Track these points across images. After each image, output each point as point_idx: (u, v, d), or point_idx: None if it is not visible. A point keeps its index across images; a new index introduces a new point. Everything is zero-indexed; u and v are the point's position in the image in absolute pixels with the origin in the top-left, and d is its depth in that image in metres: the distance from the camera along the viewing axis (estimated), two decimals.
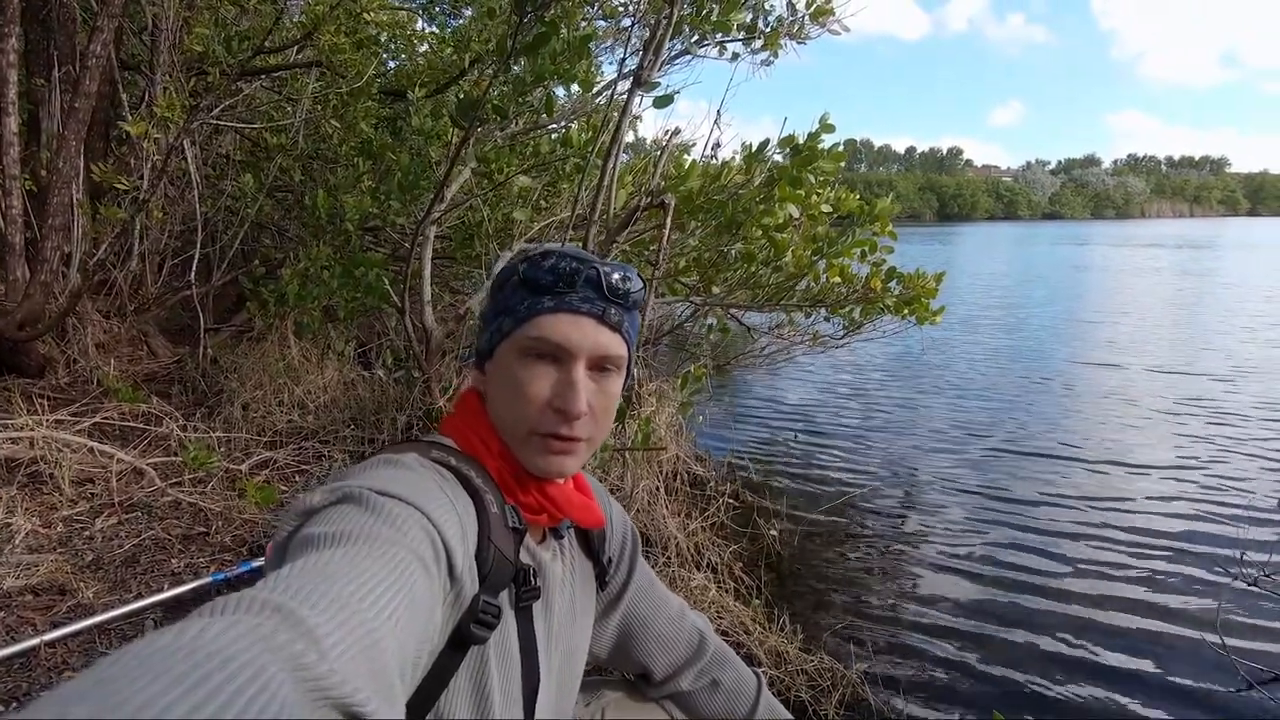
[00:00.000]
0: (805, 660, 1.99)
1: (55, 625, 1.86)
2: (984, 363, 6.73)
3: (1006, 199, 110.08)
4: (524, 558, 0.72)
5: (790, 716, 0.99)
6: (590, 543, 0.87)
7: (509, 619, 0.69)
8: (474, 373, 0.79)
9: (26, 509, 2.41)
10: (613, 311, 0.71)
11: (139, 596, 2.04)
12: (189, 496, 2.62)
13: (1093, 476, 3.72)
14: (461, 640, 0.62)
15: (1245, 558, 2.47)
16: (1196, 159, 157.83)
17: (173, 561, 2.27)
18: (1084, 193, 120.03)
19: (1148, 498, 3.43)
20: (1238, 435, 4.40)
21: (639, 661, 0.95)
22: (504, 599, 0.68)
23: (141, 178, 3.37)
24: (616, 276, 0.71)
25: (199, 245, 3.94)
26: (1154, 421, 4.73)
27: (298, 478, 2.96)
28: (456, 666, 0.63)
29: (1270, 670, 2.09)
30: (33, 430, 2.71)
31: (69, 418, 3.03)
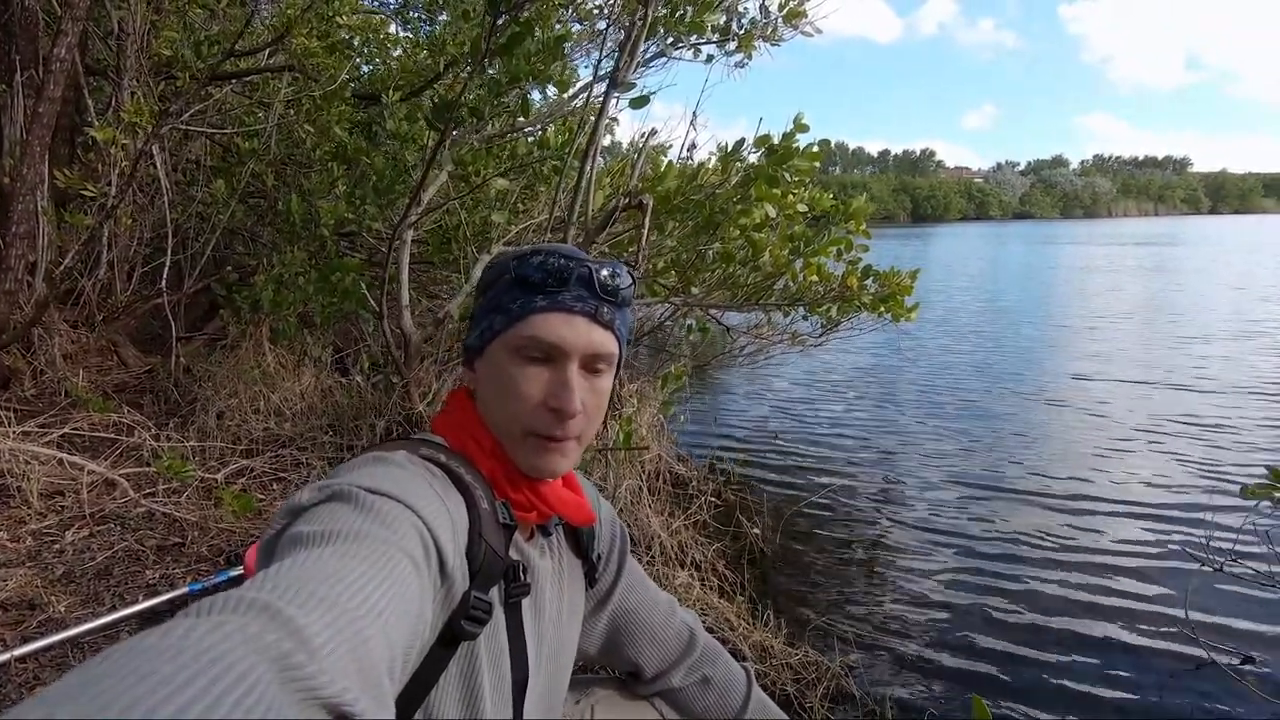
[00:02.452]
0: (790, 654, 2.00)
1: (26, 640, 1.81)
2: (960, 363, 6.84)
3: (978, 200, 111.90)
4: (513, 554, 0.71)
5: (780, 712, 0.99)
6: (579, 540, 0.87)
7: (498, 615, 0.69)
8: (464, 370, 0.78)
9: None
10: (605, 310, 0.71)
11: (113, 609, 1.99)
12: (163, 507, 2.57)
13: (1065, 470, 3.79)
14: (452, 637, 0.62)
15: (1212, 544, 2.53)
16: (1160, 159, 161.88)
17: (147, 573, 2.22)
18: (1053, 193, 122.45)
19: (1118, 489, 3.51)
20: (1203, 426, 4.51)
21: (629, 659, 0.95)
22: (494, 595, 0.68)
23: (109, 184, 3.31)
24: (607, 273, 0.71)
25: (169, 252, 3.87)
26: (1120, 413, 4.83)
27: (275, 486, 2.92)
28: (447, 663, 0.63)
29: (1236, 651, 2.15)
30: None
31: (36, 429, 2.95)
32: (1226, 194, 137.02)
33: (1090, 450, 4.07)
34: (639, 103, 2.67)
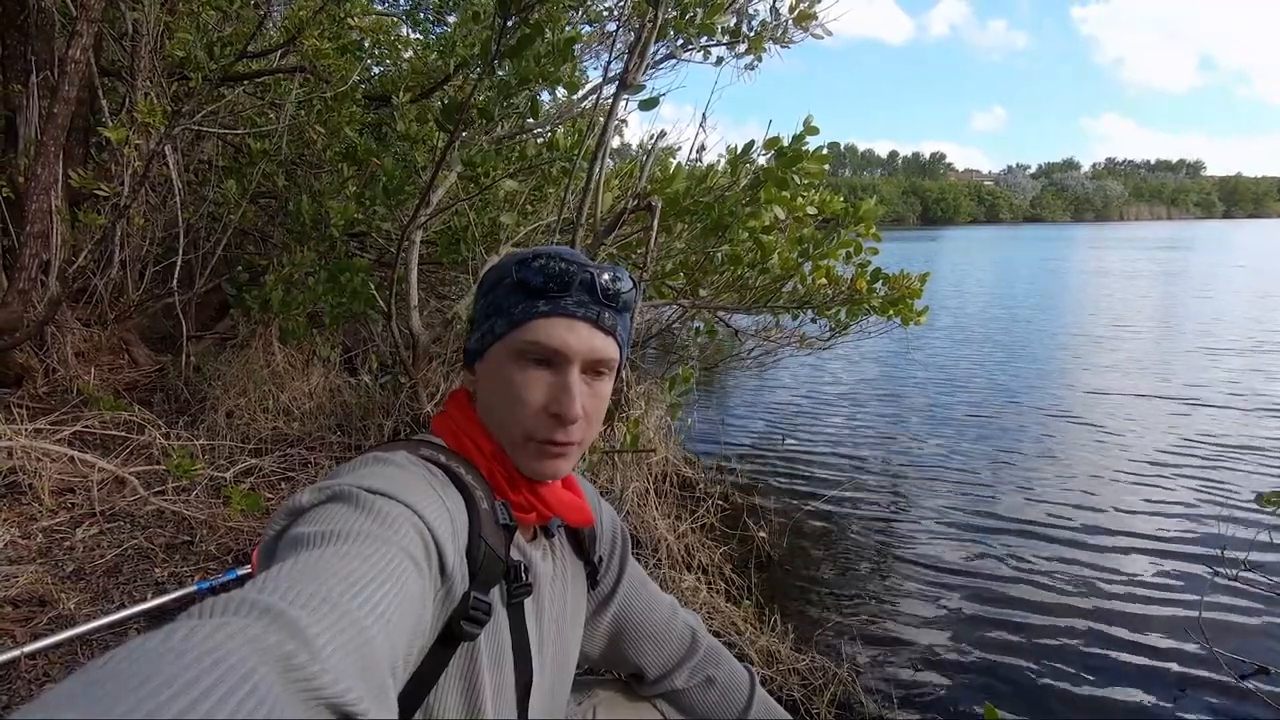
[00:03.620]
0: (797, 659, 1.99)
1: (36, 637, 1.83)
2: (972, 370, 6.79)
3: (988, 203, 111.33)
4: (514, 554, 0.71)
5: (784, 712, 0.99)
6: (580, 542, 0.87)
7: (501, 615, 0.69)
8: (463, 373, 0.79)
9: (5, 519, 2.37)
10: (607, 315, 0.72)
11: (122, 606, 2.00)
12: (172, 505, 2.58)
13: (1077, 477, 3.76)
14: (452, 636, 0.62)
15: (1226, 555, 2.50)
16: (1173, 162, 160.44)
17: (156, 571, 2.23)
18: (1064, 196, 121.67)
19: (1131, 497, 3.47)
20: (1216, 432, 4.46)
21: (632, 661, 0.95)
22: (495, 595, 0.68)
23: (122, 184, 3.34)
24: (609, 278, 0.71)
25: (181, 252, 3.89)
26: (1135, 424, 4.79)
27: (283, 485, 2.93)
28: (446, 663, 0.63)
29: (1251, 661, 2.12)
30: (11, 440, 2.66)
31: (48, 427, 2.98)
32: (1240, 198, 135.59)
33: (1104, 460, 4.03)
34: (648, 105, 2.66)
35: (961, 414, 5.01)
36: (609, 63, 3.13)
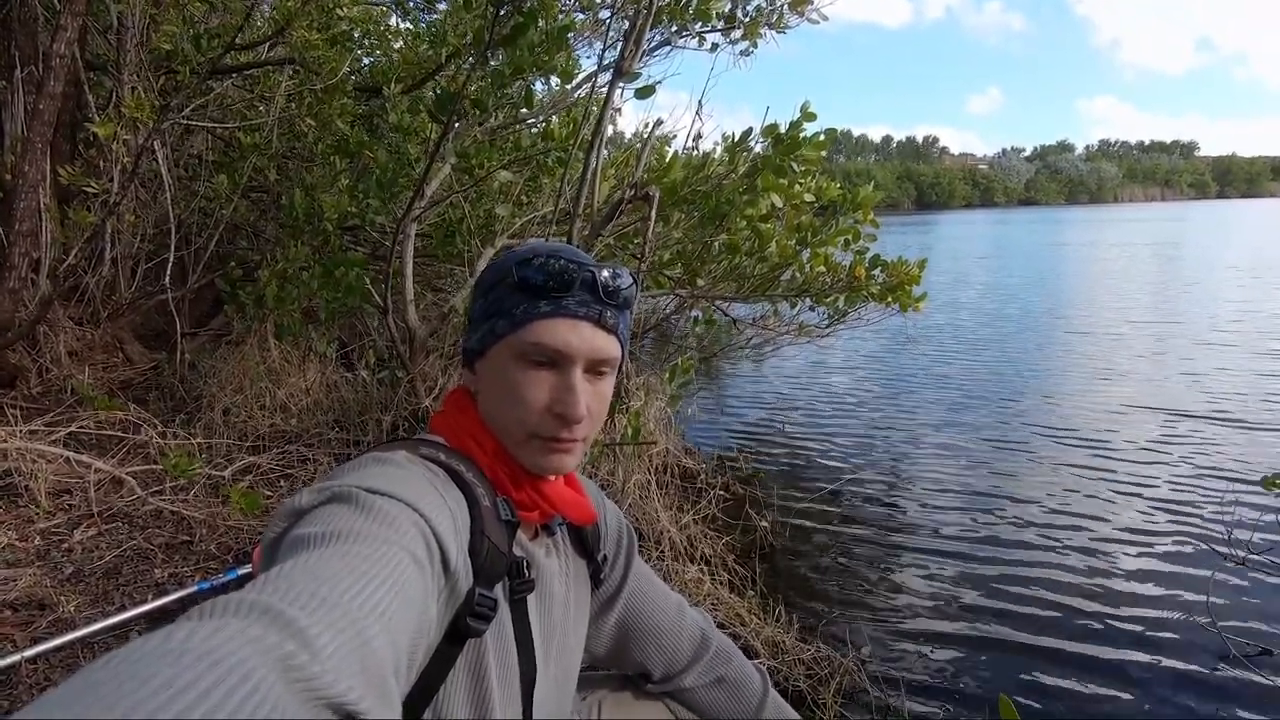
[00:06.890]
0: (802, 650, 1.99)
1: (36, 641, 1.81)
2: (969, 350, 6.79)
3: (983, 186, 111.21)
4: (517, 551, 0.72)
5: (795, 713, 0.98)
6: (583, 541, 0.87)
7: (504, 612, 0.69)
8: (463, 371, 0.78)
9: (2, 522, 2.35)
10: (609, 314, 0.71)
11: (122, 608, 1.99)
12: (171, 505, 2.57)
13: (1082, 462, 3.75)
14: (458, 634, 0.62)
15: (1233, 537, 2.50)
16: (1167, 143, 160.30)
17: (156, 571, 2.22)
18: (1058, 179, 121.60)
19: (1137, 483, 3.45)
20: (1223, 416, 4.46)
21: (637, 661, 0.95)
22: (499, 592, 0.68)
23: (111, 180, 3.29)
24: (610, 276, 0.71)
25: (173, 248, 3.85)
26: (1140, 404, 4.79)
27: (282, 482, 2.92)
28: (454, 660, 0.63)
29: (1258, 644, 2.13)
30: (5, 441, 2.64)
31: (43, 428, 2.95)
32: (1234, 178, 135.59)
33: (1109, 447, 4.00)
34: (644, 93, 2.63)
35: (963, 398, 5.01)
36: (603, 50, 3.09)
